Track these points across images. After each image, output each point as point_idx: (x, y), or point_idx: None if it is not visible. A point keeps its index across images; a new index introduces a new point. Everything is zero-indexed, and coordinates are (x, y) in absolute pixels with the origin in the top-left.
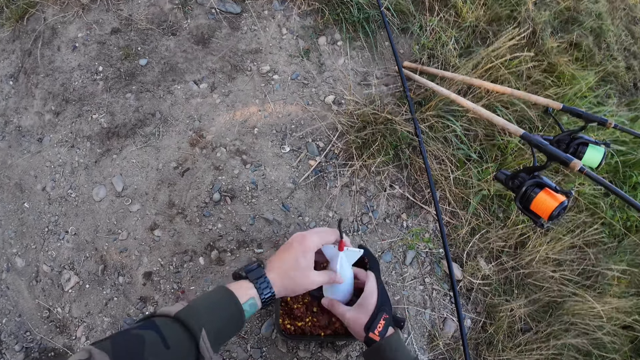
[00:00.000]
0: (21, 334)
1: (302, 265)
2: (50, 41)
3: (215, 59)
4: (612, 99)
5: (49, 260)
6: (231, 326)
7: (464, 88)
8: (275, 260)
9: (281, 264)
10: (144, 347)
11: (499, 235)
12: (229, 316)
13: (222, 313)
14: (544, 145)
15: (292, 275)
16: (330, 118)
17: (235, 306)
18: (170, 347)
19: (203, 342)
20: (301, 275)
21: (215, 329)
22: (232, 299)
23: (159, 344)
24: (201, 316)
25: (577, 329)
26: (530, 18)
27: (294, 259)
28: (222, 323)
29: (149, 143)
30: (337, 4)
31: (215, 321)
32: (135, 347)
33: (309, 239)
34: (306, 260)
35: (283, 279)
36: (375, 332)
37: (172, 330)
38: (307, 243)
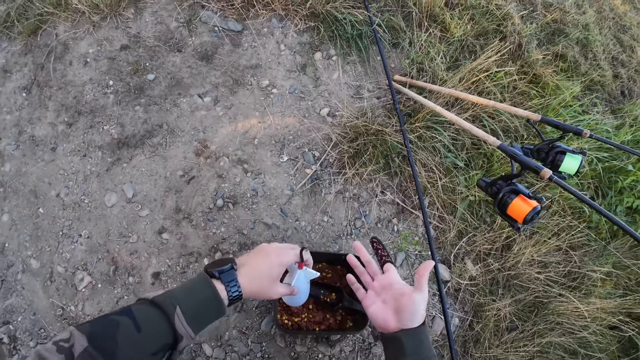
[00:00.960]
0: (36, 331)
1: (273, 276)
2: (63, 56)
3: (218, 74)
4: (598, 107)
5: (63, 261)
6: (209, 308)
7: (451, 100)
8: (250, 265)
9: (255, 271)
10: (117, 330)
11: (486, 238)
12: (206, 297)
13: (199, 294)
14: (517, 155)
15: (262, 284)
16: (325, 129)
17: (212, 289)
18: (142, 329)
19: (178, 319)
20: (269, 285)
21: (192, 308)
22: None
23: (131, 326)
24: (176, 297)
25: (562, 328)
26: (516, 31)
27: (269, 269)
28: (198, 303)
29: (156, 153)
30: (332, 21)
31: (191, 300)
32: (109, 330)
33: (287, 255)
34: (277, 273)
35: (253, 285)
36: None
37: (145, 313)
38: (283, 258)
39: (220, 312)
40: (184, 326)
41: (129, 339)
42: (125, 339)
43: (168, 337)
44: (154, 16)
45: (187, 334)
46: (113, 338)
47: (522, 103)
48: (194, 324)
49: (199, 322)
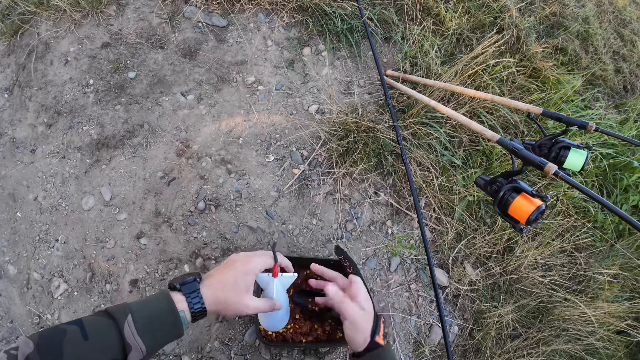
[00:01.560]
0: (13, 339)
1: (239, 286)
2: (44, 55)
3: (202, 71)
4: (601, 101)
5: (40, 267)
6: (164, 320)
7: (447, 95)
8: (214, 276)
9: (219, 282)
10: (63, 337)
11: (486, 240)
12: (161, 309)
13: (154, 305)
14: (518, 149)
15: (227, 296)
16: (313, 127)
17: (168, 301)
18: (89, 337)
19: (128, 328)
20: (236, 297)
21: (144, 318)
22: (167, 297)
23: (78, 334)
24: (130, 307)
25: (568, 334)
26: (514, 24)
27: (233, 278)
28: (152, 313)
29: (137, 153)
30: (321, 15)
31: (145, 310)
32: (56, 337)
33: (253, 261)
34: (245, 283)
35: (217, 297)
36: (380, 336)
37: (94, 322)
38: (250, 265)
39: (177, 328)
40: (133, 336)
41: (74, 347)
42: (71, 346)
43: (116, 347)
44: (136, 13)
45: (137, 345)
46: (58, 345)
47: (522, 98)
48: (146, 336)
49: (151, 335)
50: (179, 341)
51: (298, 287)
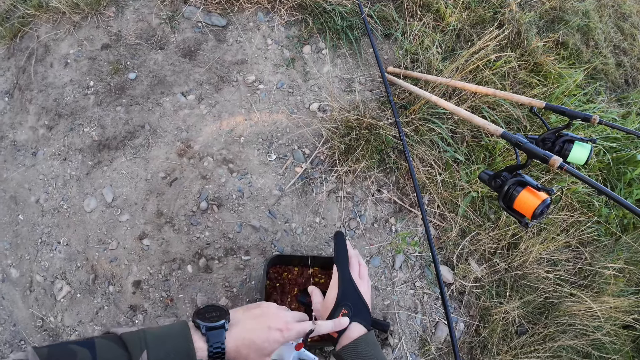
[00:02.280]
0: (16, 342)
1: (265, 351)
2: (44, 58)
3: (202, 71)
4: (602, 95)
5: (42, 270)
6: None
7: (449, 90)
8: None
9: (247, 339)
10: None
11: (491, 236)
12: (177, 350)
13: (171, 347)
14: (523, 143)
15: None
16: (315, 125)
17: (187, 348)
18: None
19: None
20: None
21: (160, 356)
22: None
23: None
24: (147, 340)
25: (574, 330)
26: (514, 19)
27: (263, 342)
28: (167, 354)
29: (138, 154)
30: (321, 13)
31: (161, 349)
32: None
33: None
34: (271, 350)
35: (239, 348)
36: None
37: (108, 349)
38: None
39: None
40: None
41: None
42: None
43: None
44: (135, 14)
45: None
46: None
47: (524, 92)
48: None
49: None
50: None
51: (302, 286)
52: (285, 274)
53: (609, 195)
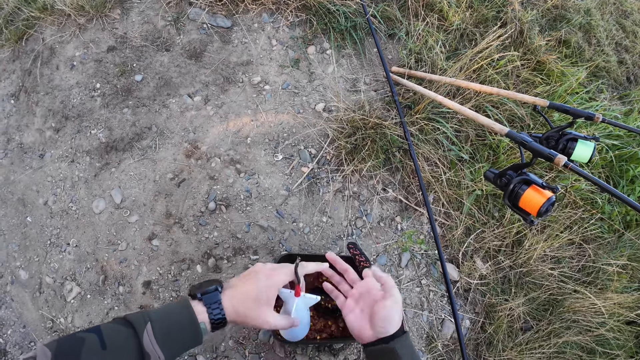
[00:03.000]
0: (25, 344)
1: (261, 301)
2: (49, 60)
3: (208, 72)
4: (605, 93)
5: (52, 272)
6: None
7: (452, 90)
8: (236, 287)
9: (240, 294)
10: (82, 347)
11: (495, 234)
12: (181, 319)
13: (174, 315)
14: (527, 142)
15: (248, 307)
16: (320, 125)
17: (189, 312)
18: (107, 346)
19: (147, 336)
20: (256, 311)
21: (163, 328)
22: (187, 307)
23: (97, 343)
24: (150, 315)
25: (578, 326)
26: (517, 18)
27: (256, 292)
28: (172, 323)
29: (145, 156)
30: (325, 14)
31: (165, 320)
32: (75, 347)
33: (277, 275)
34: (267, 297)
35: (238, 309)
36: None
37: (113, 329)
38: (274, 279)
39: (196, 338)
40: (152, 345)
41: (92, 356)
42: (89, 355)
43: (134, 357)
44: (141, 16)
45: (156, 354)
46: (77, 355)
47: (527, 91)
48: (165, 346)
49: (170, 345)
50: None
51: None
52: None
53: (612, 193)
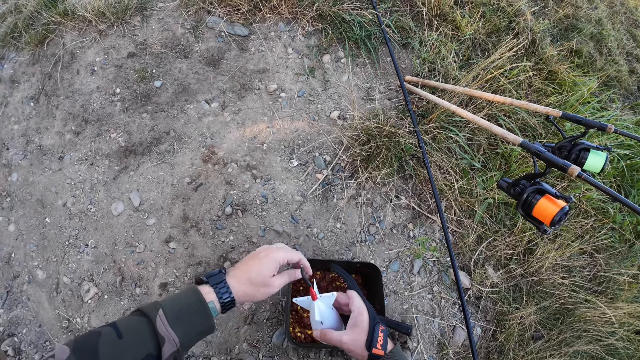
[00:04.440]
0: (41, 343)
1: (264, 273)
2: (70, 65)
3: (225, 79)
4: (616, 103)
5: (69, 272)
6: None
7: (465, 99)
8: (240, 268)
9: (244, 272)
10: (99, 339)
11: (507, 242)
12: (190, 302)
13: (184, 299)
14: (542, 152)
15: (254, 282)
16: (335, 132)
17: (197, 294)
18: (123, 335)
19: (160, 321)
20: (263, 281)
21: (175, 311)
22: (194, 290)
23: (112, 334)
24: (161, 303)
25: (589, 335)
26: (529, 28)
27: (258, 267)
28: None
29: (164, 160)
30: (340, 23)
31: (175, 304)
32: (91, 340)
33: (276, 252)
34: (269, 269)
35: (244, 286)
36: (378, 347)
37: (128, 320)
38: (273, 255)
39: (206, 317)
40: (166, 328)
41: (109, 346)
42: (106, 346)
43: (150, 342)
44: (160, 23)
45: (170, 336)
46: (94, 347)
47: (539, 101)
48: (178, 327)
49: (183, 326)
50: (208, 343)
51: (324, 289)
52: None
53: (623, 202)
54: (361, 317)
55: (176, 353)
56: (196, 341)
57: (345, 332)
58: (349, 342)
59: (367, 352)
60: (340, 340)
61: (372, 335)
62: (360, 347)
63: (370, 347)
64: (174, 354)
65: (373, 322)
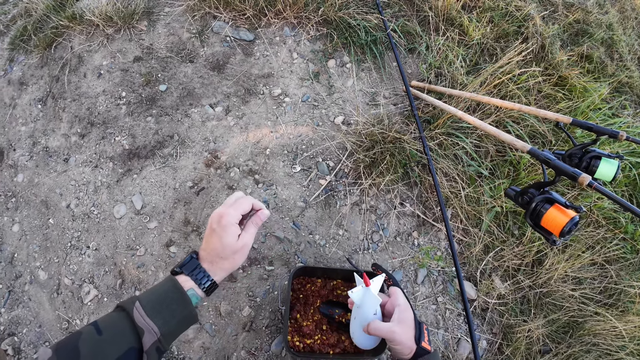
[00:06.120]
0: (40, 343)
1: (229, 241)
2: (77, 68)
3: (230, 84)
4: (628, 109)
5: (71, 273)
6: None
7: (472, 105)
8: (205, 249)
9: (210, 250)
10: (79, 338)
11: (515, 252)
12: (166, 289)
13: (159, 289)
14: (551, 160)
15: (224, 255)
16: (339, 138)
17: (172, 283)
18: (103, 332)
19: (137, 312)
20: (231, 249)
21: (151, 301)
22: (170, 279)
23: (92, 332)
24: (138, 296)
25: (598, 349)
26: (538, 32)
27: (219, 239)
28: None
29: (167, 163)
30: (345, 28)
31: (151, 295)
32: (72, 340)
33: (226, 216)
34: (231, 235)
35: (217, 263)
36: (425, 341)
37: (108, 317)
38: (226, 220)
39: (184, 304)
40: (143, 319)
41: (90, 344)
42: (87, 344)
43: (130, 335)
44: (167, 28)
45: (148, 326)
46: (75, 346)
47: (549, 107)
48: (156, 317)
49: (161, 315)
50: (206, 349)
51: (325, 298)
52: (308, 285)
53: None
54: (408, 313)
55: (157, 342)
56: (179, 330)
57: (394, 324)
58: (400, 333)
59: (415, 346)
60: (392, 331)
61: (420, 330)
62: (410, 340)
63: (419, 341)
64: (156, 344)
65: (417, 320)
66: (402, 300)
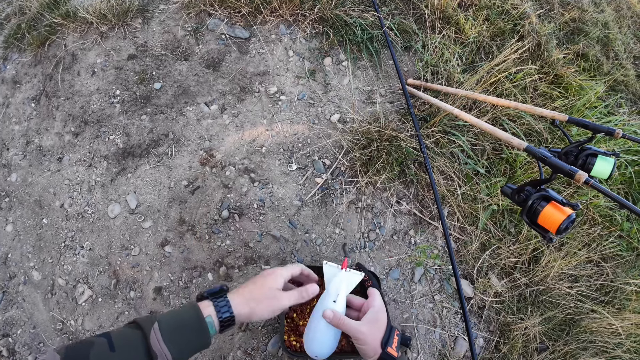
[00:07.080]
0: (35, 345)
1: (269, 286)
2: (71, 66)
3: (225, 82)
4: (624, 107)
5: (65, 274)
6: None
7: (469, 103)
8: (244, 286)
9: (244, 287)
10: (90, 349)
11: (511, 250)
12: (188, 317)
13: (181, 315)
14: (547, 157)
15: (258, 297)
16: (335, 136)
17: (195, 311)
18: (116, 348)
19: (154, 336)
20: (268, 294)
21: (170, 327)
22: (193, 306)
23: (105, 346)
24: (157, 317)
25: (595, 347)
26: (534, 31)
27: (262, 283)
28: (178, 321)
29: (162, 162)
30: (341, 25)
31: (172, 320)
32: (83, 349)
33: (279, 270)
34: (275, 283)
35: (248, 301)
36: (392, 347)
37: (122, 332)
38: (277, 272)
39: (203, 335)
40: (159, 344)
41: (101, 358)
42: (98, 357)
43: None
44: (161, 25)
45: (163, 353)
46: (86, 357)
47: (545, 105)
48: (172, 344)
49: (177, 343)
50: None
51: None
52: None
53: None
54: (382, 314)
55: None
56: (190, 356)
57: (364, 324)
58: (367, 334)
59: (380, 350)
60: (359, 330)
61: (389, 334)
62: (376, 342)
63: (385, 345)
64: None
65: (390, 324)
66: (377, 302)
